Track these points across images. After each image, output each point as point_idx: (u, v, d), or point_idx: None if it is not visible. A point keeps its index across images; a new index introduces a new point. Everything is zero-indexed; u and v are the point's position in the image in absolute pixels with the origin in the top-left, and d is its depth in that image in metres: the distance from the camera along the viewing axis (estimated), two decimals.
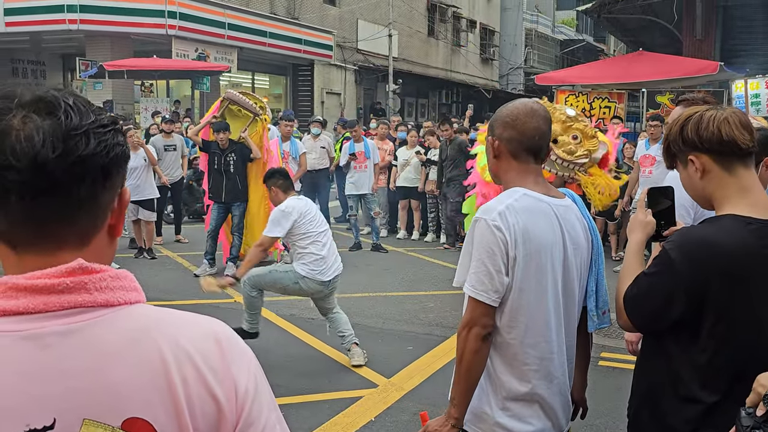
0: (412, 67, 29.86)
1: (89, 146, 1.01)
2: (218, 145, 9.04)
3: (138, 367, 1.01)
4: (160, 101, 18.37)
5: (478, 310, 2.21)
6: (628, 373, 2.17)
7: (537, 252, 2.22)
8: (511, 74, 38.66)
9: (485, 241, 2.19)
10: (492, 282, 2.19)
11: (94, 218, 1.06)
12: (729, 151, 1.99)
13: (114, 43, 18.54)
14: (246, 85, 24.03)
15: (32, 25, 17.98)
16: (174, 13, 18.10)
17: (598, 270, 2.46)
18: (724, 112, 2.02)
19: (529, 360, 2.26)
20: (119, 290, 1.04)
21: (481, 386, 2.30)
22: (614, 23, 21.58)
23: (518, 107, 2.36)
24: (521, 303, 2.23)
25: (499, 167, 2.38)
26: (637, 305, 2.05)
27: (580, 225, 2.38)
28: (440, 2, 32.56)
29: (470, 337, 2.21)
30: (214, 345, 1.07)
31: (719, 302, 1.93)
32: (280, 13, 23.14)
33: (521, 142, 2.31)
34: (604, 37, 44.48)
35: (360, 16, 27.27)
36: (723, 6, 17.60)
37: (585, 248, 2.39)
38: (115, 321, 1.02)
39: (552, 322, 2.28)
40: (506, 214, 2.19)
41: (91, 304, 1.01)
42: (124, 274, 1.06)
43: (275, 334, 6.74)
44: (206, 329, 1.09)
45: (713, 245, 1.94)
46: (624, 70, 15.18)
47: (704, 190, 2.06)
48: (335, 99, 26.27)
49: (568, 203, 2.38)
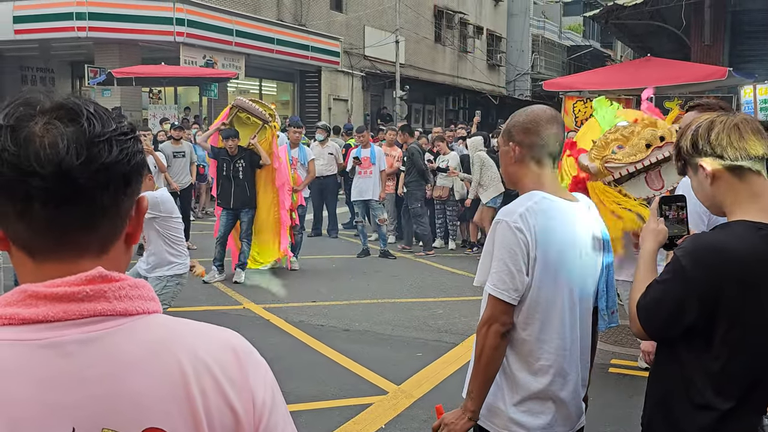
0: (419, 73, 29.89)
1: (112, 153, 1.00)
2: (227, 151, 9.05)
3: (158, 377, 1.00)
4: (168, 108, 18.43)
5: (498, 308, 2.29)
6: (639, 380, 2.19)
7: (555, 252, 2.31)
8: (518, 80, 38.67)
9: (507, 241, 2.28)
10: (513, 281, 2.27)
11: (114, 226, 1.06)
12: (740, 157, 1.99)
13: (122, 51, 18.61)
14: (253, 92, 24.10)
15: (41, 32, 18.07)
16: (182, 20, 18.17)
17: (609, 271, 2.53)
18: (735, 118, 2.01)
19: (544, 356, 2.34)
20: (138, 299, 1.03)
21: (495, 382, 2.37)
22: (622, 29, 21.53)
23: (538, 113, 2.43)
24: (538, 300, 2.31)
25: (518, 172, 2.45)
26: (650, 313, 2.04)
27: (594, 228, 2.46)
28: (447, 8, 32.60)
29: (490, 334, 2.29)
30: (232, 356, 1.07)
31: (732, 308, 1.92)
32: (288, 19, 23.20)
33: (543, 147, 2.39)
34: (611, 43, 44.47)
35: (367, 23, 27.32)
36: (731, 11, 17.55)
37: (597, 249, 2.47)
38: (135, 330, 1.02)
39: (567, 320, 2.35)
40: (527, 216, 2.28)
41: (110, 313, 1.00)
42: (142, 283, 1.06)
43: (284, 341, 6.73)
44: (224, 341, 1.09)
45: (724, 251, 1.93)
46: (632, 75, 15.15)
47: (714, 196, 2.05)
48: (342, 105, 26.31)
49: (583, 206, 2.47)
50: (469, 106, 34.33)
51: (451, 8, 32.95)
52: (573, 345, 2.38)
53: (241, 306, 7.93)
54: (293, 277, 9.58)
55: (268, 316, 7.55)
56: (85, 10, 17.53)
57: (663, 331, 2.06)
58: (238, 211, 9.12)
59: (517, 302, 2.30)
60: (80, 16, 17.52)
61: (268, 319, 7.45)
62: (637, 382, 5.56)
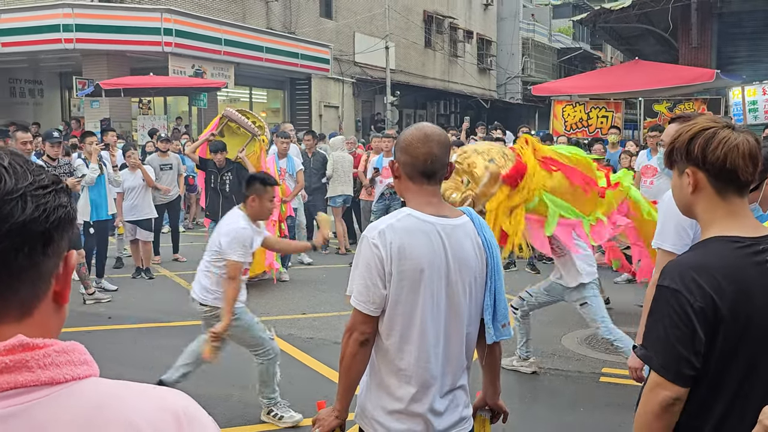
0: (410, 78, 29.91)
1: (26, 211, 0.93)
2: (215, 164, 9.03)
3: None
4: (158, 118, 18.38)
5: (358, 317, 2.46)
6: (631, 389, 2.14)
7: (412, 268, 2.40)
8: (509, 83, 38.74)
9: (365, 256, 2.43)
10: (369, 294, 2.42)
11: (35, 288, 0.97)
12: (727, 178, 1.98)
13: (110, 62, 18.56)
14: (243, 100, 24.08)
15: (29, 45, 18.00)
16: (170, 30, 18.13)
17: (495, 285, 2.59)
18: (738, 136, 1.98)
19: (404, 365, 2.46)
20: (66, 365, 0.95)
21: (366, 384, 2.56)
22: (610, 32, 21.63)
23: (414, 133, 2.54)
24: (396, 313, 2.44)
25: (400, 188, 2.59)
26: (665, 356, 1.94)
27: (469, 243, 2.52)
28: (437, 13, 32.65)
29: (350, 342, 2.48)
30: (171, 419, 0.98)
31: (726, 321, 1.90)
32: (277, 27, 23.19)
33: (414, 166, 2.49)
34: (600, 45, 44.60)
35: (357, 29, 27.33)
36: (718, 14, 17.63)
37: (474, 265, 2.52)
38: (62, 400, 0.93)
39: (429, 333, 2.45)
40: (385, 233, 2.41)
41: (34, 384, 0.92)
42: (71, 347, 0.98)
43: None
44: (163, 403, 1.00)
45: (705, 268, 1.92)
46: (620, 79, 15.20)
47: (692, 204, 2.06)
48: (333, 112, 26.30)
49: (459, 222, 2.52)
50: (460, 111, 34.36)
51: (441, 13, 32.99)
52: (436, 357, 2.47)
53: None
54: (283, 289, 9.54)
55: None
56: (72, 22, 17.47)
57: (683, 364, 1.92)
58: None
59: (377, 314, 2.45)
60: (67, 27, 17.46)
61: None
62: (629, 390, 5.54)
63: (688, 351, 1.89)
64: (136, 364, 6.14)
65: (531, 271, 10.80)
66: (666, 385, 1.92)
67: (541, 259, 11.57)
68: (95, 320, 7.78)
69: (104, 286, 9.23)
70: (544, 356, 6.71)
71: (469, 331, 2.57)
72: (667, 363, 1.91)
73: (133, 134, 18.46)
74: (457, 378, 2.56)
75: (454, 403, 2.55)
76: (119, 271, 10.52)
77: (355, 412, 2.61)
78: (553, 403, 5.54)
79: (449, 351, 2.51)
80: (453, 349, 2.52)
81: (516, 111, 36.04)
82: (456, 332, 2.52)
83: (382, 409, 2.49)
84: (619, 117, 14.81)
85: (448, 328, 2.50)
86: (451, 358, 2.52)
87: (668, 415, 1.92)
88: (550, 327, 7.68)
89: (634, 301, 8.78)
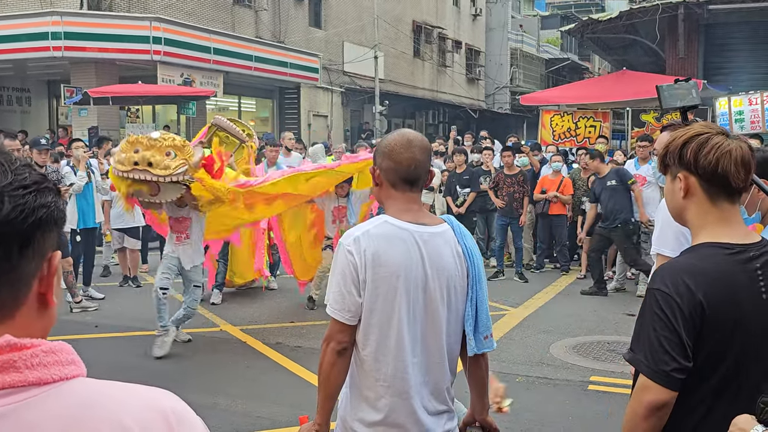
0: (399, 88, 29.96)
1: (2, 211, 0.91)
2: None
3: None
4: (146, 127, 18.26)
5: (335, 327, 2.41)
6: (619, 398, 2.13)
7: (387, 276, 2.35)
8: (497, 93, 38.88)
9: (340, 264, 2.39)
10: (344, 302, 2.37)
11: (15, 291, 0.95)
12: (719, 184, 1.98)
13: (99, 69, 18.49)
14: (233, 109, 24.03)
15: (16, 52, 17.90)
16: (159, 38, 18.08)
17: (476, 295, 2.51)
18: (731, 143, 1.98)
19: (380, 376, 2.40)
20: (54, 365, 0.94)
21: (346, 395, 2.50)
22: (598, 43, 21.76)
23: (396, 138, 2.49)
24: (372, 322, 2.38)
25: (381, 195, 2.53)
26: (655, 359, 1.92)
27: (448, 250, 2.46)
28: (426, 23, 32.75)
29: (327, 351, 2.41)
30: (160, 419, 0.98)
31: (715, 325, 1.90)
32: (266, 36, 23.20)
33: (398, 172, 2.44)
34: (588, 56, 44.84)
35: (346, 39, 27.38)
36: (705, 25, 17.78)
37: (453, 273, 2.46)
38: (50, 400, 0.93)
39: (406, 343, 2.39)
40: (360, 240, 2.36)
41: (22, 384, 0.92)
42: (59, 347, 0.97)
43: (261, 363, 6.66)
44: (151, 402, 0.99)
45: (695, 272, 1.93)
46: (608, 89, 15.29)
47: (684, 209, 2.06)
48: (322, 121, 26.30)
49: (438, 230, 2.47)
50: (449, 120, 34.42)
51: (430, 23, 33.10)
52: (414, 367, 2.41)
53: (218, 328, 7.86)
54: (271, 297, 9.51)
55: (245, 338, 7.48)
56: (60, 30, 17.39)
57: (672, 367, 1.90)
58: None
59: (354, 322, 2.39)
60: (55, 35, 17.38)
61: (244, 341, 7.39)
62: (617, 399, 5.54)
63: (677, 355, 1.89)
64: (123, 373, 6.08)
65: (519, 279, 10.81)
66: (654, 389, 1.91)
67: (530, 268, 11.59)
68: (81, 329, 7.72)
69: (91, 294, 9.17)
70: (533, 364, 6.71)
71: (450, 341, 2.49)
72: (656, 366, 1.90)
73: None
74: (439, 389, 2.49)
75: (435, 416, 2.49)
76: (106, 280, 10.46)
77: (336, 424, 2.54)
78: (542, 412, 5.53)
79: (428, 361, 2.44)
80: (432, 359, 2.45)
81: (504, 121, 36.14)
82: (435, 342, 2.45)
83: (361, 421, 2.44)
84: (607, 127, 14.87)
85: (425, 338, 2.43)
86: (430, 368, 2.45)
87: (655, 418, 1.92)
88: (540, 335, 7.69)
89: (623, 309, 8.81)
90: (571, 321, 8.36)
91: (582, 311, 8.84)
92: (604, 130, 14.63)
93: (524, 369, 6.58)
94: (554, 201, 11.19)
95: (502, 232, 11.12)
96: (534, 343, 7.39)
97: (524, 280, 10.79)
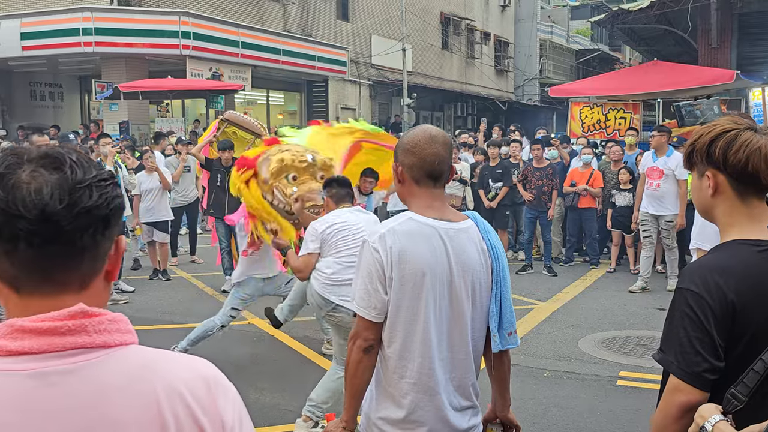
0: (427, 80, 29.87)
1: (92, 198, 1.10)
2: (221, 162, 9.18)
3: (134, 404, 1.09)
4: (176, 121, 18.48)
5: (361, 324, 2.41)
6: (649, 393, 2.09)
7: (413, 273, 2.35)
8: (527, 85, 38.61)
9: (365, 261, 2.39)
10: (370, 299, 2.37)
11: (94, 264, 1.14)
12: (749, 182, 1.94)
13: (129, 64, 18.69)
14: (261, 103, 24.16)
15: (48, 48, 18.14)
16: (188, 33, 18.23)
17: (501, 291, 2.51)
18: (760, 139, 1.93)
19: (407, 373, 2.40)
20: (116, 333, 1.13)
21: (370, 392, 2.49)
22: (628, 33, 21.47)
23: (418, 134, 2.48)
24: (398, 320, 2.38)
25: (403, 192, 2.52)
26: (686, 360, 1.89)
27: (473, 247, 2.46)
28: (454, 15, 32.59)
29: (354, 349, 2.41)
30: (203, 384, 1.17)
31: (746, 325, 1.87)
32: (294, 30, 23.26)
33: (422, 168, 2.43)
34: (619, 46, 44.32)
35: (374, 31, 27.35)
36: (738, 14, 17.45)
37: (479, 270, 2.46)
38: (113, 361, 1.11)
39: (432, 340, 2.39)
40: (386, 237, 2.36)
41: (90, 345, 1.09)
42: (120, 317, 1.15)
43: (289, 357, 6.70)
44: (195, 369, 1.19)
45: (726, 271, 1.89)
46: (638, 80, 15.05)
47: (712, 207, 2.03)
48: (350, 114, 26.28)
49: (463, 226, 2.47)
50: (478, 113, 34.25)
51: (458, 15, 32.93)
52: (441, 363, 2.41)
53: (246, 321, 7.90)
54: None
55: (273, 332, 7.51)
56: (91, 26, 17.61)
57: (703, 368, 1.87)
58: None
59: (380, 320, 2.39)
60: (86, 31, 17.59)
61: (273, 334, 7.42)
62: (647, 395, 5.48)
63: (709, 355, 1.85)
64: None
65: (548, 273, 10.73)
66: (686, 390, 1.87)
67: (558, 262, 11.50)
68: None
69: (122, 287, 9.29)
70: (561, 359, 6.66)
71: (475, 337, 2.49)
72: (687, 367, 1.87)
73: (151, 137, 18.59)
74: (464, 386, 2.49)
75: (461, 412, 2.48)
76: (136, 273, 10.59)
77: (360, 422, 2.54)
78: (570, 408, 5.49)
79: (453, 357, 2.44)
80: (457, 356, 2.45)
81: (533, 113, 35.87)
82: (460, 338, 2.45)
83: (386, 419, 2.43)
84: (637, 118, 14.68)
85: (451, 334, 2.43)
86: (456, 364, 2.45)
87: (686, 420, 1.88)
88: (568, 330, 7.63)
89: (653, 304, 8.71)
90: (601, 315, 8.28)
91: (611, 305, 8.75)
92: (634, 122, 14.44)
93: (552, 363, 6.54)
94: (584, 194, 11.08)
95: (531, 226, 11.04)
96: (562, 338, 7.33)
97: (553, 273, 10.71)
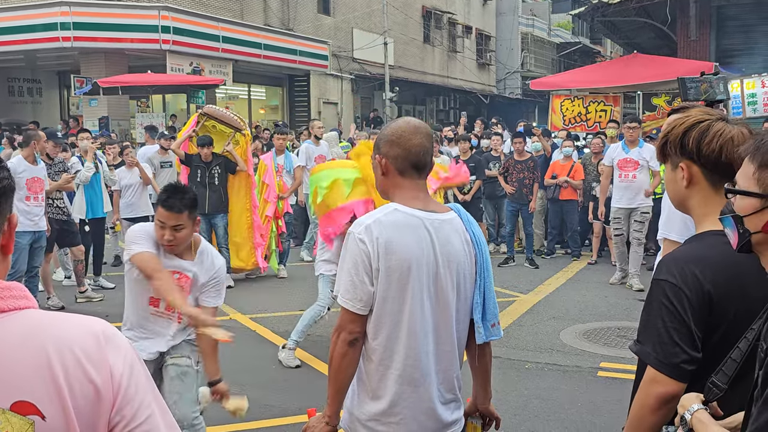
0: (409, 74, 29.86)
1: None
2: (200, 158, 9.13)
3: (25, 359, 1.20)
4: (156, 116, 18.34)
5: (346, 316, 2.36)
6: (630, 384, 2.08)
7: (399, 264, 2.33)
8: (508, 79, 38.71)
9: (351, 253, 2.35)
10: (356, 291, 2.33)
11: None
12: (722, 172, 1.95)
13: (108, 59, 18.53)
14: (242, 97, 24.04)
15: (26, 43, 17.96)
16: (168, 27, 18.09)
17: (485, 282, 2.52)
18: (732, 129, 1.95)
19: (392, 365, 2.38)
20: (9, 299, 1.24)
21: (353, 387, 2.46)
22: (608, 26, 21.56)
23: (402, 125, 2.47)
24: (384, 311, 2.35)
25: (387, 184, 2.49)
26: (664, 351, 1.89)
27: (458, 238, 2.45)
28: (435, 9, 32.59)
29: (338, 342, 2.37)
30: (92, 339, 1.27)
31: (723, 315, 1.89)
32: (275, 24, 23.15)
33: (407, 159, 2.42)
34: (600, 39, 44.52)
35: (355, 25, 27.29)
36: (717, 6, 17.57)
37: (463, 261, 2.45)
38: (7, 323, 1.22)
39: (418, 331, 2.37)
40: (372, 228, 2.33)
41: None
42: (14, 285, 1.26)
43: (270, 352, 6.68)
44: (87, 327, 1.29)
45: (702, 262, 1.90)
46: (619, 73, 15.13)
47: (686, 198, 2.04)
48: (332, 109, 26.26)
49: (447, 217, 2.45)
50: (460, 106, 34.31)
51: (440, 8, 32.93)
52: (427, 355, 2.40)
53: (228, 317, 7.87)
54: (281, 286, 9.53)
55: (254, 327, 7.50)
56: (69, 20, 17.44)
57: (681, 359, 1.88)
58: (212, 216, 9.16)
59: (365, 312, 2.35)
60: (65, 26, 17.42)
61: (254, 329, 7.41)
62: (626, 385, 5.50)
63: (686, 346, 1.86)
64: None
65: (530, 265, 10.77)
66: (664, 381, 1.88)
67: (540, 254, 11.55)
68: None
69: (101, 284, 9.22)
70: (542, 351, 6.69)
71: (459, 329, 2.48)
72: (665, 358, 1.87)
73: (131, 132, 18.44)
74: (449, 378, 2.47)
75: (446, 405, 2.47)
76: (118, 269, 10.51)
77: (342, 418, 2.51)
78: (551, 399, 5.52)
79: (439, 349, 2.43)
80: (443, 348, 2.44)
81: (516, 106, 35.98)
82: (445, 330, 2.43)
83: (369, 413, 2.41)
84: (618, 111, 14.76)
85: (437, 326, 2.41)
86: (441, 356, 2.44)
87: (664, 411, 1.89)
88: (550, 322, 7.67)
89: (634, 295, 8.77)
90: (582, 307, 8.33)
91: (593, 297, 8.80)
92: (614, 114, 14.52)
93: (534, 355, 6.57)
94: (565, 186, 11.12)
95: (513, 218, 11.07)
96: (544, 330, 7.37)
97: (535, 266, 10.75)
